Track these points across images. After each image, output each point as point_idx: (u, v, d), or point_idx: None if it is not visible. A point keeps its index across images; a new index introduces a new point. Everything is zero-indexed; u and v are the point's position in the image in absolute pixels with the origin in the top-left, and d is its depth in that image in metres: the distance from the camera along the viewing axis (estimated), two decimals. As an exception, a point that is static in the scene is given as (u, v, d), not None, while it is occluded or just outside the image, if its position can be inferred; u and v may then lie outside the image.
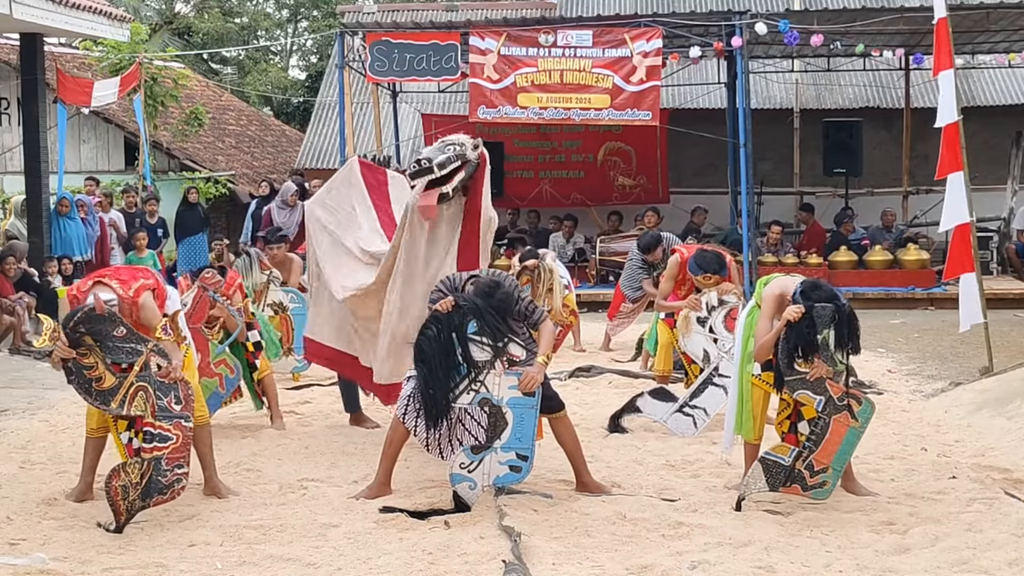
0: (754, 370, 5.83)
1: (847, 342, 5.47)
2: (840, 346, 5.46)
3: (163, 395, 5.42)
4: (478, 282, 5.70)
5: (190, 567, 4.82)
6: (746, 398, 5.88)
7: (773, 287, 5.69)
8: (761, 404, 5.90)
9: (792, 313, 5.38)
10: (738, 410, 5.91)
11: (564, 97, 13.73)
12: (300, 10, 35.39)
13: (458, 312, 5.52)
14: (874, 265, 14.69)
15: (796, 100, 19.32)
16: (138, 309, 5.64)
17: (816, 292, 5.45)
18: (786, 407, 5.74)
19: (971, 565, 4.71)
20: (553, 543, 5.00)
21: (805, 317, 5.35)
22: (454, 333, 5.51)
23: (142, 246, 13.55)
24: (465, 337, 5.52)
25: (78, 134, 19.01)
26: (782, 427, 5.76)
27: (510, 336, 5.59)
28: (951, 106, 8.95)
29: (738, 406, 5.91)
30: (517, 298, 5.67)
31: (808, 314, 5.35)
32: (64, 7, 13.00)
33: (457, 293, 5.64)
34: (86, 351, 5.36)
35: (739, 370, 5.93)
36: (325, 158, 20.06)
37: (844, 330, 5.43)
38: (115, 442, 5.72)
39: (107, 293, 5.58)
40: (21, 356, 10.82)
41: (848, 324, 5.44)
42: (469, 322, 5.53)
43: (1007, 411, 7.37)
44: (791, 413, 5.70)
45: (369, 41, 14.06)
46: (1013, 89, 19.36)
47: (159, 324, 5.62)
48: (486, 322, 5.52)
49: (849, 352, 5.52)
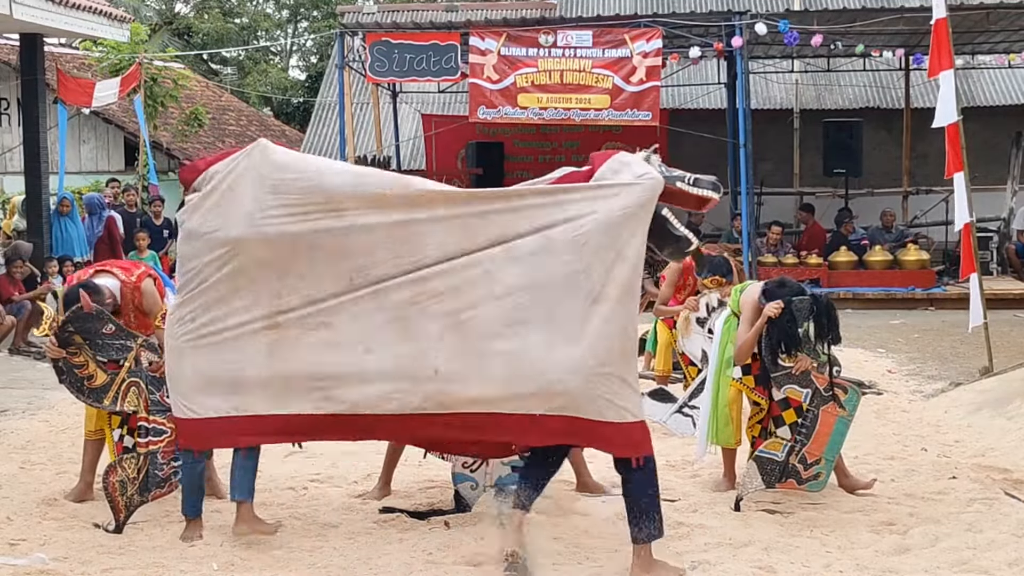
0: (734, 374, 5.87)
1: (827, 332, 5.55)
2: (821, 337, 5.54)
3: (155, 389, 5.43)
4: None
5: (190, 567, 4.82)
6: (722, 404, 5.93)
7: (750, 293, 5.73)
8: (737, 407, 5.94)
9: (772, 310, 5.47)
10: (712, 418, 5.95)
11: (564, 97, 13.73)
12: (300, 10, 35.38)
13: None
14: (874, 265, 14.69)
15: (796, 100, 19.33)
16: (140, 295, 5.68)
17: (782, 289, 5.55)
18: (759, 411, 5.78)
19: (971, 565, 4.72)
20: (553, 543, 5.00)
21: (785, 312, 5.44)
22: None
23: (143, 246, 13.52)
24: None
25: (78, 134, 19.03)
26: (752, 431, 5.80)
27: None
28: (951, 106, 8.96)
29: (712, 414, 5.95)
30: None
31: (787, 309, 5.43)
32: (64, 7, 13.00)
33: None
34: (76, 350, 5.37)
35: (715, 379, 5.97)
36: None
37: (824, 320, 5.52)
38: (107, 438, 5.73)
39: (110, 279, 5.60)
40: (21, 356, 10.82)
41: (827, 315, 5.53)
42: None
43: (1007, 411, 7.37)
44: (763, 417, 5.74)
45: (369, 41, 14.06)
46: (1013, 89, 19.37)
47: (159, 312, 5.65)
48: None
49: (830, 342, 5.58)
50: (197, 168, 4.98)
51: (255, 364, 4.83)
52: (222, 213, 4.83)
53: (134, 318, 5.70)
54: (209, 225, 4.84)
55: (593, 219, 4.51)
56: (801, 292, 5.57)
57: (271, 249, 4.78)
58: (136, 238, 13.66)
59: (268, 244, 4.77)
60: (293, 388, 4.83)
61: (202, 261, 4.84)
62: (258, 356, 4.83)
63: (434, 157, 18.38)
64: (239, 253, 4.79)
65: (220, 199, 4.86)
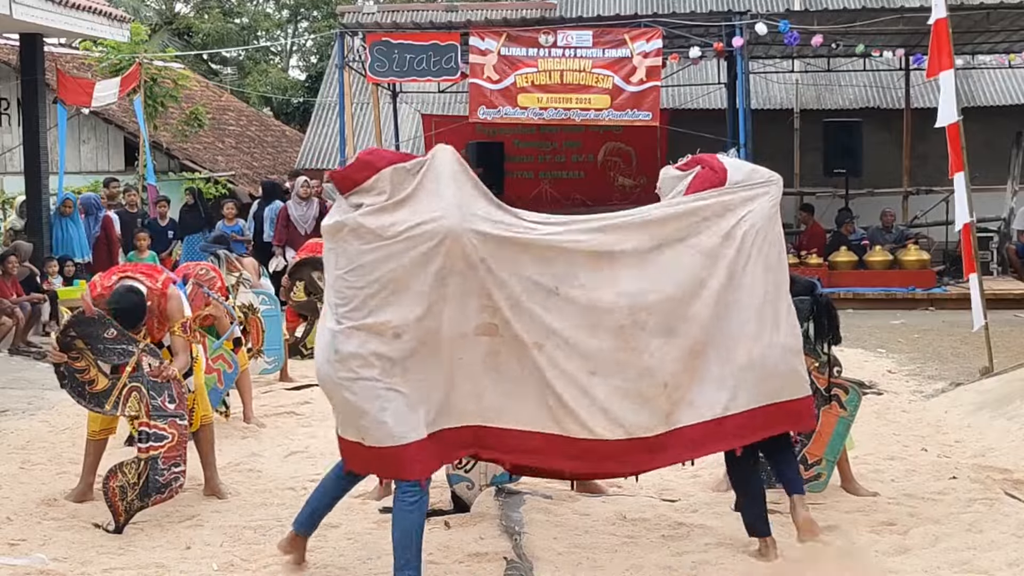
0: None
1: (827, 333, 5.54)
2: (821, 337, 5.54)
3: (157, 394, 5.42)
4: None
5: (190, 568, 4.82)
6: None
7: None
8: None
9: None
10: None
11: (564, 97, 13.72)
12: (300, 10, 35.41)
13: None
14: (874, 265, 14.69)
15: (796, 100, 19.33)
16: (166, 300, 5.68)
17: (793, 286, 5.50)
18: None
19: (971, 566, 4.71)
20: (553, 543, 5.00)
21: None
22: None
23: (143, 246, 13.52)
24: None
25: (78, 134, 19.02)
26: None
27: None
28: (951, 106, 8.96)
29: None
30: None
31: None
32: (64, 7, 13.00)
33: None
34: (77, 354, 5.37)
35: None
36: (325, 158, 20.09)
37: (824, 321, 5.51)
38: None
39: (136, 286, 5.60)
40: (21, 356, 10.82)
41: (827, 315, 5.51)
42: None
43: (1007, 411, 7.36)
44: None
45: (369, 41, 14.06)
46: (1013, 89, 19.38)
47: (180, 320, 5.65)
48: None
49: (831, 343, 5.57)
50: (375, 166, 4.40)
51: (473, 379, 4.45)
52: (427, 206, 4.34)
53: (157, 324, 5.70)
54: (409, 221, 4.32)
55: (760, 214, 4.77)
56: (811, 289, 5.54)
57: (483, 247, 4.37)
58: (136, 238, 13.65)
59: (482, 240, 4.36)
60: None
61: (401, 264, 4.30)
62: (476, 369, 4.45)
63: (434, 157, 18.35)
64: (450, 251, 4.31)
65: (420, 193, 4.37)
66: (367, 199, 4.36)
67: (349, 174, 4.46)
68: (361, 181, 4.38)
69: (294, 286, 10.26)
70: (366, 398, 4.29)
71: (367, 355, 4.29)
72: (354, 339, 4.30)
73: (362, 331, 4.30)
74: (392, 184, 4.37)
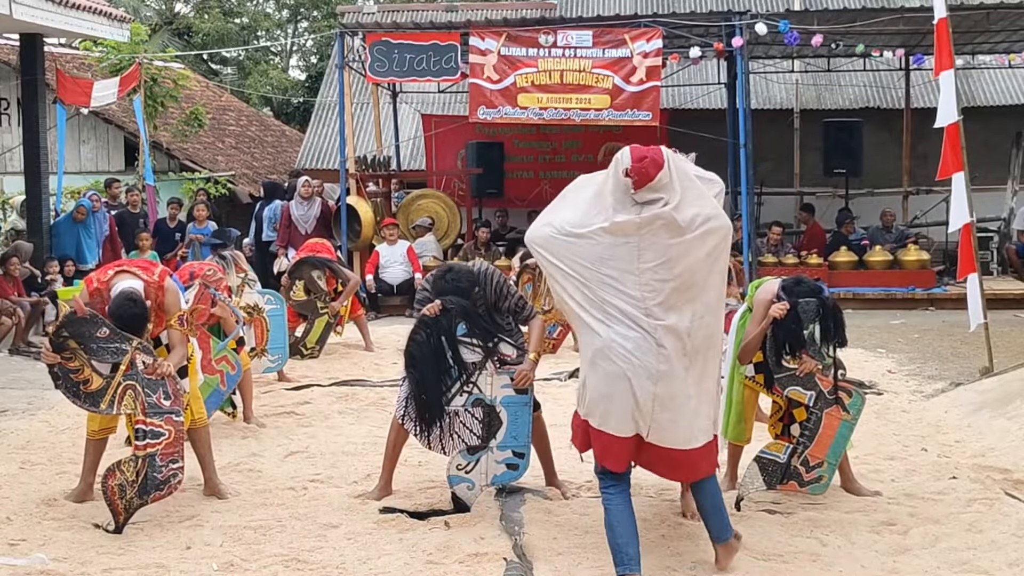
0: (747, 372, 5.85)
1: (833, 335, 5.51)
2: (826, 339, 5.50)
3: (152, 392, 5.42)
4: (457, 279, 5.54)
5: (190, 568, 4.82)
6: (736, 400, 5.91)
7: (765, 290, 5.71)
8: (752, 407, 5.92)
9: (777, 310, 5.42)
10: (725, 414, 5.92)
11: (564, 97, 13.73)
12: (300, 10, 35.42)
13: (446, 315, 5.46)
14: (874, 265, 14.69)
15: (796, 100, 19.34)
16: (164, 293, 5.68)
17: (798, 287, 5.51)
18: (778, 409, 5.77)
19: (971, 566, 4.71)
20: (553, 543, 5.00)
21: (790, 313, 5.41)
22: (443, 336, 5.43)
23: (145, 246, 13.53)
24: (455, 340, 5.46)
25: (78, 134, 19.03)
26: (775, 428, 5.79)
27: (500, 336, 5.56)
28: (951, 106, 8.96)
29: (725, 410, 5.93)
30: (505, 294, 5.62)
31: (793, 310, 5.40)
32: (64, 7, 13.00)
33: (444, 296, 5.51)
34: (71, 355, 5.36)
35: (730, 374, 5.95)
36: (325, 158, 20.10)
37: (829, 323, 5.47)
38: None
39: (133, 281, 5.60)
40: (21, 356, 10.82)
41: (833, 317, 5.48)
42: (458, 324, 5.48)
43: (1007, 411, 7.36)
44: (783, 415, 5.73)
45: (369, 41, 14.08)
46: (1013, 89, 19.38)
47: (177, 313, 5.65)
48: (475, 323, 5.49)
49: (836, 345, 5.55)
50: (660, 163, 4.46)
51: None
52: (705, 203, 4.54)
53: (155, 318, 5.69)
54: (701, 214, 4.46)
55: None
56: (817, 292, 5.52)
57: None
58: (138, 238, 13.68)
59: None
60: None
61: (696, 257, 4.43)
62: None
63: (434, 157, 18.38)
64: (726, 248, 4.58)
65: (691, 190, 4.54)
66: (663, 195, 4.43)
67: (648, 170, 4.46)
68: (654, 177, 4.45)
69: (293, 285, 10.26)
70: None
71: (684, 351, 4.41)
72: (670, 336, 4.38)
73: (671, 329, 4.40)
74: (677, 181, 4.47)
